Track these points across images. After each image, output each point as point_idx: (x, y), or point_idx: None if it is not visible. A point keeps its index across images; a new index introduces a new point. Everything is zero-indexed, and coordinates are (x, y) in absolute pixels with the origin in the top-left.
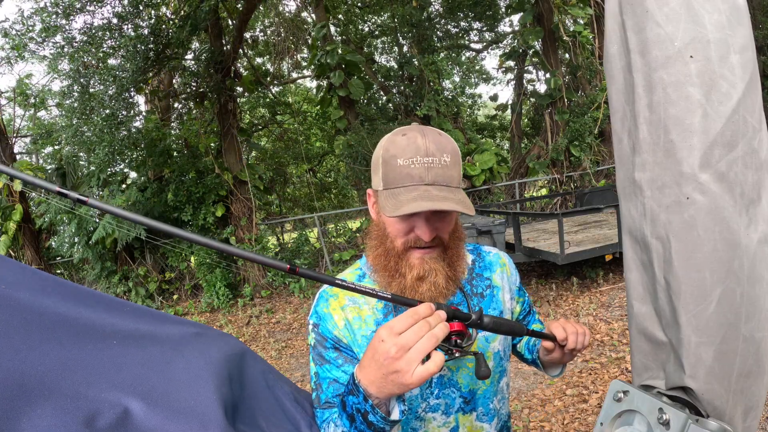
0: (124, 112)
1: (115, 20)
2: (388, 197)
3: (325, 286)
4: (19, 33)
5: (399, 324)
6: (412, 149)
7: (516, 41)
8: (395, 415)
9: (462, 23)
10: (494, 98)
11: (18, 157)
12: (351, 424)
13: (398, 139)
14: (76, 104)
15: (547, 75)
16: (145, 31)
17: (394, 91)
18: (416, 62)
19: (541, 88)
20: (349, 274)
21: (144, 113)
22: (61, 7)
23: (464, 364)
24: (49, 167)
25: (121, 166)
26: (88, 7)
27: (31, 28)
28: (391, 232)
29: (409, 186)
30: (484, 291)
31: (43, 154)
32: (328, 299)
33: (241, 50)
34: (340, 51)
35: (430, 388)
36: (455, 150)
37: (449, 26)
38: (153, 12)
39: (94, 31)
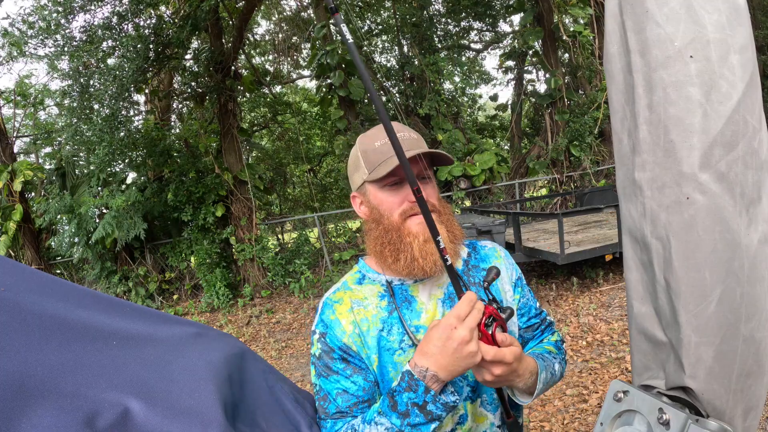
0: (124, 112)
1: (115, 20)
2: (378, 171)
3: (328, 294)
4: (20, 31)
5: (463, 310)
6: (383, 132)
7: (516, 41)
8: (452, 399)
9: (462, 23)
10: (494, 98)
11: (18, 156)
12: (403, 420)
13: (369, 132)
14: (75, 104)
15: (547, 75)
16: (146, 31)
17: (395, 91)
18: (417, 62)
19: (541, 88)
20: (349, 278)
21: (144, 113)
22: (61, 5)
23: None
24: (48, 167)
25: (121, 166)
26: (88, 7)
27: (31, 25)
28: (385, 209)
29: (391, 156)
30: (481, 281)
31: (42, 154)
32: (333, 305)
33: (241, 50)
34: (340, 51)
35: None
36: (418, 133)
37: (450, 26)
38: (153, 12)
39: (94, 30)
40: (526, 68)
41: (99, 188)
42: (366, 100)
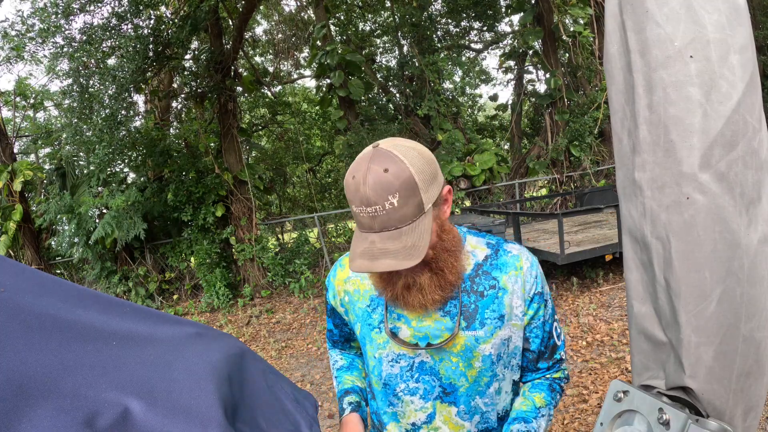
0: (123, 112)
1: (114, 20)
2: (354, 237)
3: (343, 256)
4: (19, 33)
5: None
6: (357, 198)
7: (516, 41)
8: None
9: (462, 23)
10: (494, 98)
11: (18, 156)
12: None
13: (350, 183)
14: (75, 104)
15: (547, 75)
16: (145, 32)
17: (394, 91)
18: (417, 62)
19: (541, 88)
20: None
21: (143, 113)
22: (60, 7)
23: (448, 358)
24: (48, 167)
25: (121, 166)
26: (87, 8)
27: (30, 28)
28: None
29: (362, 233)
30: (486, 290)
31: (42, 154)
32: (337, 268)
33: (241, 50)
34: (340, 51)
35: (410, 371)
36: (407, 182)
37: (450, 26)
38: (153, 12)
39: (93, 30)
40: (526, 68)
41: (99, 188)
42: (366, 101)
